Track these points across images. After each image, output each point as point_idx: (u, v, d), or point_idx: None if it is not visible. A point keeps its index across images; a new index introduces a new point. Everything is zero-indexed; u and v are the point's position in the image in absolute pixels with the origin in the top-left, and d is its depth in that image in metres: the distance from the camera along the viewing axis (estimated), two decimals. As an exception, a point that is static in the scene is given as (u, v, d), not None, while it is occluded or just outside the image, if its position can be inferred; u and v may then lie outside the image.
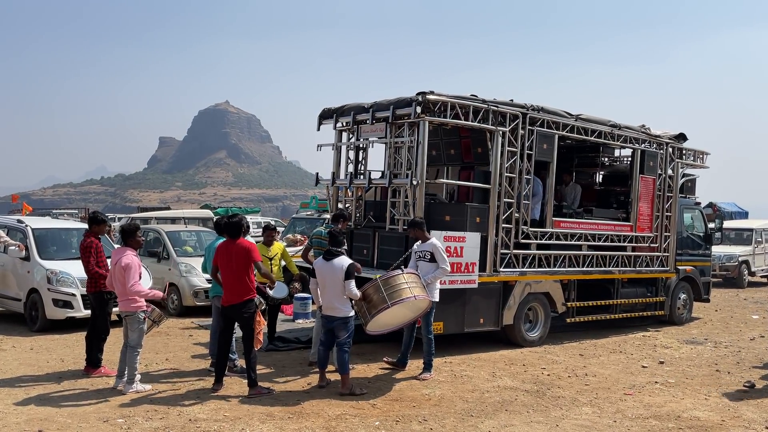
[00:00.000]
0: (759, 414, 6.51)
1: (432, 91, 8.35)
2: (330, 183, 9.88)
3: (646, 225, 11.16)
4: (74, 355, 8.21)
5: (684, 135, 11.88)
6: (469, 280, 8.50)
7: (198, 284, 11.48)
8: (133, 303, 6.75)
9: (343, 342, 6.77)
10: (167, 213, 22.90)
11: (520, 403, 6.64)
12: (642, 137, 11.07)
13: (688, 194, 12.83)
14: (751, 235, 19.85)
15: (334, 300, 6.73)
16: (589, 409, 6.52)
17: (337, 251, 6.82)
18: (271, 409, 6.13)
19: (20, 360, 8.02)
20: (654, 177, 11.22)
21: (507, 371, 7.97)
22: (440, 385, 7.22)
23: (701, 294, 12.65)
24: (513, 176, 9.12)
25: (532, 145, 9.29)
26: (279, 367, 7.86)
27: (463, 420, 6.03)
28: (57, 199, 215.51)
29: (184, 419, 5.80)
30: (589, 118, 10.21)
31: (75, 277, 9.65)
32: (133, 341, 6.76)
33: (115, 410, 6.03)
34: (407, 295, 6.79)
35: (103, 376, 7.24)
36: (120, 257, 6.80)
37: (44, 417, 5.80)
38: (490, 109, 8.82)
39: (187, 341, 9.41)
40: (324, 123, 9.97)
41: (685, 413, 6.45)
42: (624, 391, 7.21)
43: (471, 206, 8.78)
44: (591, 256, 10.36)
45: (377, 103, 9.01)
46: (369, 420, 5.92)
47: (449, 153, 10.91)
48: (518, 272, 9.29)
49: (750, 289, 18.73)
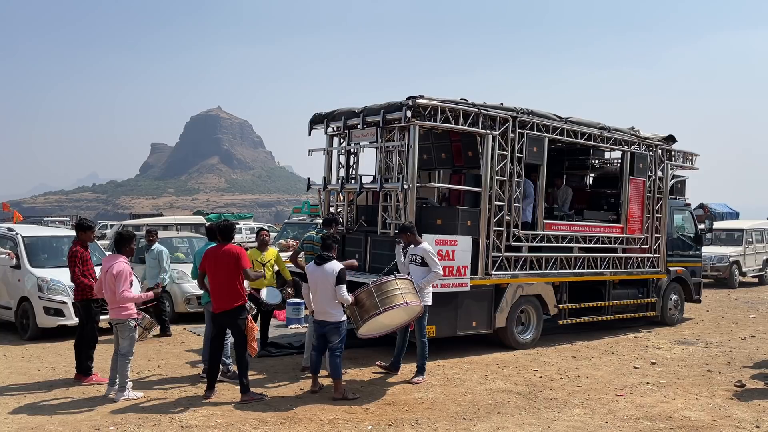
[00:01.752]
0: (749, 413, 6.55)
1: (422, 96, 8.38)
2: (321, 188, 9.89)
3: (636, 227, 11.23)
4: (65, 363, 8.17)
5: (673, 137, 11.96)
6: (461, 284, 8.53)
7: (190, 291, 11.43)
8: (123, 311, 6.73)
9: (335, 347, 6.78)
10: (159, 219, 22.86)
11: (513, 405, 6.66)
12: (631, 139, 11.14)
13: (678, 195, 12.91)
14: (742, 235, 19.97)
15: (326, 305, 6.74)
16: (580, 410, 6.55)
17: (328, 256, 6.83)
18: (264, 415, 6.12)
19: (11, 369, 7.98)
20: (644, 179, 11.30)
21: (499, 374, 7.99)
22: (433, 388, 7.23)
23: (692, 295, 12.72)
24: (504, 179, 9.16)
25: (522, 148, 9.34)
26: (271, 372, 7.85)
27: (455, 423, 6.04)
28: (49, 207, 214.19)
29: (176, 426, 5.79)
30: (578, 120, 10.27)
31: (66, 285, 9.59)
32: (123, 349, 6.74)
33: (107, 418, 6.01)
34: (399, 301, 6.80)
35: (95, 383, 7.21)
36: (111, 264, 6.78)
37: (35, 426, 5.78)
38: (480, 113, 8.86)
39: (179, 348, 9.38)
40: (315, 128, 9.99)
41: (676, 413, 6.49)
42: (616, 392, 7.25)
43: (462, 210, 8.81)
44: (582, 258, 10.41)
45: (368, 107, 9.03)
46: (362, 424, 5.92)
47: (440, 157, 10.95)
48: (510, 275, 9.32)
49: (741, 290, 18.83)
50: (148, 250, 10.35)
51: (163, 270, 10.14)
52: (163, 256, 10.17)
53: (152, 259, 10.25)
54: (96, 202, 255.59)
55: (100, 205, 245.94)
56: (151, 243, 10.39)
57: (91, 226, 7.93)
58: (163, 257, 10.19)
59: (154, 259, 10.23)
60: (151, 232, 10.70)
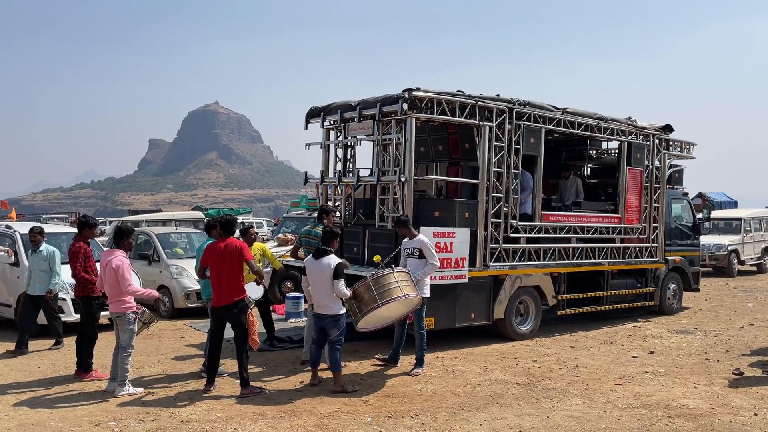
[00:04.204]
0: (747, 401, 6.58)
1: (418, 88, 8.37)
2: (319, 182, 9.89)
3: (634, 216, 11.24)
4: (66, 359, 8.19)
5: (670, 126, 11.95)
6: (460, 275, 8.54)
7: (189, 286, 11.46)
8: (122, 304, 6.74)
9: (334, 340, 6.80)
10: (158, 215, 22.85)
11: (512, 395, 6.68)
12: (628, 129, 11.13)
13: (676, 185, 12.92)
14: (740, 224, 19.98)
15: (324, 298, 6.75)
16: (579, 400, 6.57)
17: (327, 250, 6.84)
18: (264, 409, 6.14)
19: (11, 365, 7.99)
20: (641, 169, 11.30)
21: (498, 365, 8.02)
22: (432, 380, 7.25)
23: (691, 284, 12.76)
24: (501, 171, 9.16)
25: (520, 140, 9.34)
26: (271, 366, 7.87)
27: (454, 414, 6.06)
28: (47, 204, 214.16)
29: (176, 420, 5.81)
30: (575, 111, 10.26)
31: (65, 282, 9.60)
32: (124, 342, 6.76)
33: (107, 413, 6.02)
34: (397, 294, 6.81)
35: (95, 379, 7.23)
36: (110, 259, 6.78)
37: (36, 422, 5.80)
38: (477, 105, 8.85)
39: (179, 343, 9.40)
40: (311, 122, 9.98)
41: (674, 402, 6.51)
42: (614, 382, 7.27)
43: (460, 202, 8.81)
44: (580, 249, 10.43)
45: (364, 100, 9.02)
46: (361, 417, 5.95)
47: (437, 149, 10.94)
48: (508, 266, 9.34)
49: (739, 278, 18.88)
50: (35, 252, 8.91)
51: (55, 274, 8.84)
52: (55, 257, 8.86)
53: (41, 261, 8.83)
54: (95, 198, 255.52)
55: (99, 201, 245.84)
56: (37, 243, 8.92)
57: (95, 223, 7.94)
58: (56, 259, 8.87)
59: (43, 261, 8.82)
60: (35, 231, 9.07)
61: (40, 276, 8.85)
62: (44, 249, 8.91)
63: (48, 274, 8.84)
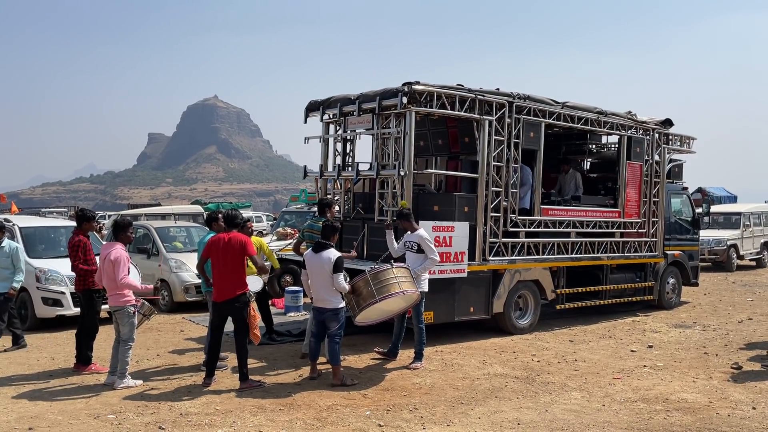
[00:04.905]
0: (746, 395, 6.59)
1: (418, 82, 8.35)
2: (318, 175, 9.87)
3: (633, 211, 11.23)
4: (65, 353, 8.19)
5: (670, 120, 11.93)
6: (459, 270, 8.54)
7: (188, 280, 11.47)
8: (122, 298, 6.74)
9: (334, 333, 6.80)
10: (157, 209, 22.85)
11: (510, 389, 6.69)
12: (628, 123, 11.12)
13: (676, 179, 12.90)
14: (740, 219, 19.99)
15: (324, 292, 6.75)
16: (578, 393, 6.58)
17: (326, 243, 6.84)
18: (263, 402, 6.15)
19: (10, 359, 8.00)
20: (641, 163, 11.29)
21: (497, 359, 8.03)
22: (431, 373, 7.26)
23: (690, 278, 12.76)
24: (500, 165, 9.15)
25: (519, 134, 9.32)
26: (271, 360, 7.88)
27: (453, 407, 6.07)
28: (47, 198, 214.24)
29: (176, 413, 5.81)
30: (575, 105, 10.24)
31: (64, 275, 9.61)
32: (125, 335, 6.76)
33: (106, 406, 6.03)
34: (396, 290, 6.81)
35: (94, 373, 7.24)
36: (109, 251, 6.78)
37: (35, 414, 5.80)
38: (477, 99, 8.83)
39: (178, 337, 9.41)
40: (311, 115, 9.96)
41: (673, 396, 6.52)
42: (613, 376, 7.28)
43: (459, 196, 8.80)
44: (580, 243, 10.42)
45: (363, 94, 9.00)
46: (360, 410, 5.95)
47: (437, 143, 10.92)
48: (507, 260, 9.34)
49: (739, 273, 18.89)
50: None
51: (18, 270, 8.46)
52: (18, 253, 8.50)
53: (4, 258, 8.40)
54: (94, 192, 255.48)
55: (98, 195, 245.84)
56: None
57: (93, 216, 7.92)
58: (19, 255, 8.50)
59: (5, 258, 8.40)
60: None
61: (2, 273, 8.42)
62: (6, 245, 8.49)
63: (11, 271, 8.44)
